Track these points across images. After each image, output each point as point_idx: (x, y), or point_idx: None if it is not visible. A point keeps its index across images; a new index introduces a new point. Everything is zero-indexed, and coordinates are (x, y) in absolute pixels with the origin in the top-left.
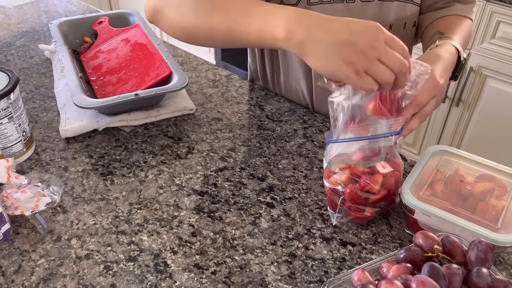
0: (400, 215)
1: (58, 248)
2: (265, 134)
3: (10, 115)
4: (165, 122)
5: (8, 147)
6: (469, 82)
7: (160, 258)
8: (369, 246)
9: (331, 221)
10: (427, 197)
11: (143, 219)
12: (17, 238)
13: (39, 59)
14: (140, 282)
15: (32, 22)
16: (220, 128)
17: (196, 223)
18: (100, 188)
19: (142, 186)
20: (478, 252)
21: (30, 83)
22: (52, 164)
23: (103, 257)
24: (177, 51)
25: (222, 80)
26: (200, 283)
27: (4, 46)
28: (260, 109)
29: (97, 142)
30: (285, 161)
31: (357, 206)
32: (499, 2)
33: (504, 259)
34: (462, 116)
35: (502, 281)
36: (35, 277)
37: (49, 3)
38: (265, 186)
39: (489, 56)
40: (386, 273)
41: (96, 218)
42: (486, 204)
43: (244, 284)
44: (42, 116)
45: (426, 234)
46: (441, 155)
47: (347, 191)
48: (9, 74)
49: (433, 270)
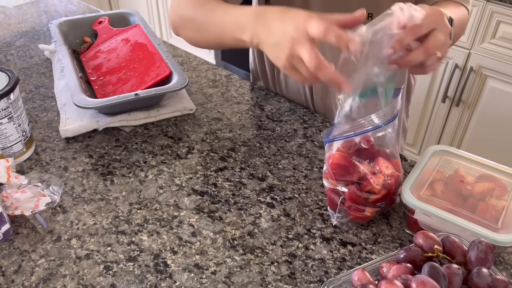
0: (400, 215)
1: (58, 248)
2: (265, 134)
3: (10, 115)
4: (165, 122)
5: (8, 147)
6: (469, 82)
7: (160, 258)
8: (369, 246)
9: (331, 221)
10: (427, 197)
11: (143, 219)
12: (17, 238)
13: (39, 59)
14: (140, 282)
15: (32, 22)
16: (220, 128)
17: (196, 223)
18: (100, 188)
19: (142, 186)
20: (478, 252)
21: (30, 83)
22: (52, 164)
23: (103, 257)
24: (177, 51)
25: (222, 80)
26: (200, 283)
27: (4, 46)
28: (260, 109)
29: (97, 142)
30: (285, 161)
31: (357, 206)
32: (499, 2)
33: (504, 259)
34: (462, 116)
35: (502, 281)
36: (35, 277)
37: (49, 3)
38: (265, 186)
39: (489, 56)
40: (386, 273)
41: (96, 218)
42: (486, 204)
43: (244, 284)
44: (42, 116)
45: (426, 234)
46: (441, 155)
47: (347, 191)
48: (9, 74)
49: (433, 270)
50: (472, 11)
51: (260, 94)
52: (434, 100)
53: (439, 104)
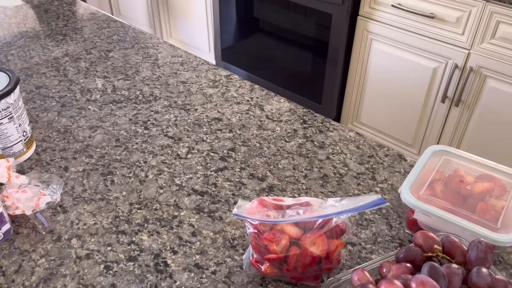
0: (400, 215)
1: (58, 248)
2: (265, 134)
3: (10, 115)
4: (165, 122)
5: (8, 147)
6: (469, 82)
7: (160, 258)
8: (369, 246)
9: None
10: (427, 197)
11: (143, 219)
12: (18, 238)
13: (39, 59)
14: (140, 282)
15: (32, 22)
16: (220, 128)
17: (196, 223)
18: (100, 188)
19: (142, 186)
20: (478, 252)
21: (30, 83)
22: (52, 164)
23: (103, 257)
24: (177, 51)
25: (222, 80)
26: (200, 283)
27: (4, 46)
28: (260, 109)
29: (97, 142)
30: (285, 161)
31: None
32: (499, 2)
33: (504, 259)
34: (462, 116)
35: (502, 281)
36: (35, 277)
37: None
38: (265, 186)
39: (489, 56)
40: (386, 273)
41: (96, 218)
42: (486, 204)
43: (244, 284)
44: (43, 116)
45: (426, 234)
46: (441, 155)
47: (254, 233)
48: (10, 74)
49: (433, 270)
50: (472, 11)
51: (260, 94)
52: (434, 100)
53: (438, 104)
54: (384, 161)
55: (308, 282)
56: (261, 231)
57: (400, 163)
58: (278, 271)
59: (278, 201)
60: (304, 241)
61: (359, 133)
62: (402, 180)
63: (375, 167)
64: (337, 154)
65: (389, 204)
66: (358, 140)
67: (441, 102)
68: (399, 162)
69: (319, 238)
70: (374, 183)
